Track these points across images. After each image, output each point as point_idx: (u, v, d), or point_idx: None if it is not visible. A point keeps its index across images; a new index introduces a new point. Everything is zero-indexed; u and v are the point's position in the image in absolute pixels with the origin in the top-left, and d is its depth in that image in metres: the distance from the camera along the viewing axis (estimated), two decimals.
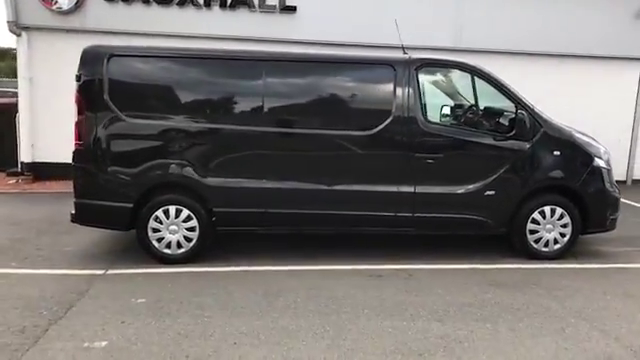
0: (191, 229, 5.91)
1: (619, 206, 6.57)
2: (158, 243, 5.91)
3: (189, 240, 5.93)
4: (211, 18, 10.81)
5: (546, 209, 6.28)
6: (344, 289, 5.28)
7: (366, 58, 6.51)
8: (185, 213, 5.88)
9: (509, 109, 6.20)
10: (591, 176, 6.30)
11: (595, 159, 6.33)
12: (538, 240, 6.34)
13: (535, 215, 6.28)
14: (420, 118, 6.02)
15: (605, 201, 6.40)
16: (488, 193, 6.14)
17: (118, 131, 5.80)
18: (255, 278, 5.59)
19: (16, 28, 10.44)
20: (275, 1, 10.85)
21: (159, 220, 5.86)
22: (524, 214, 6.27)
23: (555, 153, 6.22)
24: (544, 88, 10.19)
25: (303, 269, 5.88)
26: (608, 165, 6.47)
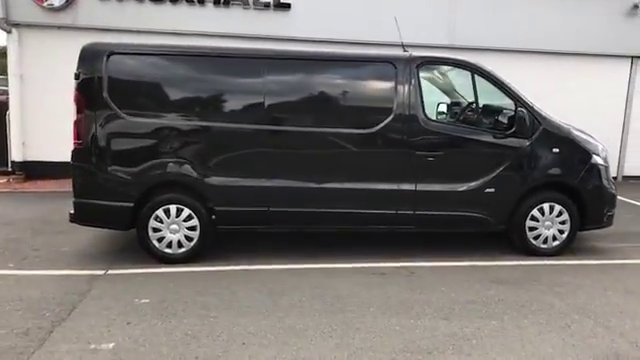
0: (192, 228, 5.87)
1: (616, 202, 6.64)
2: (159, 243, 5.85)
3: (190, 239, 5.89)
4: (204, 15, 10.74)
5: (545, 206, 6.32)
6: (348, 287, 5.28)
7: (367, 56, 6.49)
8: (186, 212, 5.83)
9: (509, 107, 6.23)
10: (589, 173, 6.36)
11: (593, 156, 6.38)
12: (537, 237, 6.38)
13: (534, 212, 6.32)
14: (421, 116, 6.02)
15: (603, 198, 6.46)
16: (488, 190, 6.17)
17: (118, 130, 5.73)
18: (257, 277, 5.56)
19: (6, 25, 10.28)
20: None
21: (160, 219, 5.81)
22: (523, 211, 6.31)
23: (554, 150, 6.26)
24: (536, 85, 10.20)
25: (304, 267, 5.87)
26: (605, 162, 6.54)
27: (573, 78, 11.66)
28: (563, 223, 6.37)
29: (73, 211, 5.87)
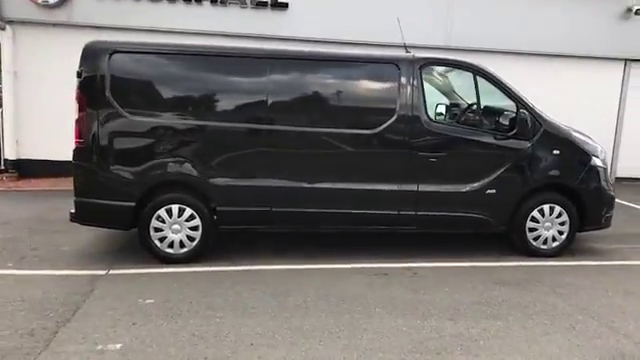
0: (194, 228, 5.83)
1: (614, 204, 6.71)
2: (160, 243, 5.82)
3: (192, 239, 5.85)
4: (201, 13, 10.69)
5: (545, 207, 6.36)
6: (352, 288, 5.28)
7: (371, 57, 6.47)
8: (188, 212, 5.80)
9: (510, 108, 6.26)
10: (589, 175, 6.41)
11: (592, 158, 6.43)
12: (537, 238, 6.43)
13: (534, 213, 6.36)
14: (424, 117, 6.03)
15: (602, 199, 6.52)
16: (489, 191, 6.19)
17: (120, 128, 5.68)
18: (260, 277, 5.54)
19: (0, 22, 10.15)
20: None
21: (162, 219, 5.77)
22: (524, 212, 6.34)
23: (554, 152, 6.30)
24: (530, 87, 10.22)
25: (307, 268, 5.86)
26: (604, 164, 6.60)
27: (567, 80, 11.73)
28: (562, 224, 6.42)
29: (74, 210, 5.81)
